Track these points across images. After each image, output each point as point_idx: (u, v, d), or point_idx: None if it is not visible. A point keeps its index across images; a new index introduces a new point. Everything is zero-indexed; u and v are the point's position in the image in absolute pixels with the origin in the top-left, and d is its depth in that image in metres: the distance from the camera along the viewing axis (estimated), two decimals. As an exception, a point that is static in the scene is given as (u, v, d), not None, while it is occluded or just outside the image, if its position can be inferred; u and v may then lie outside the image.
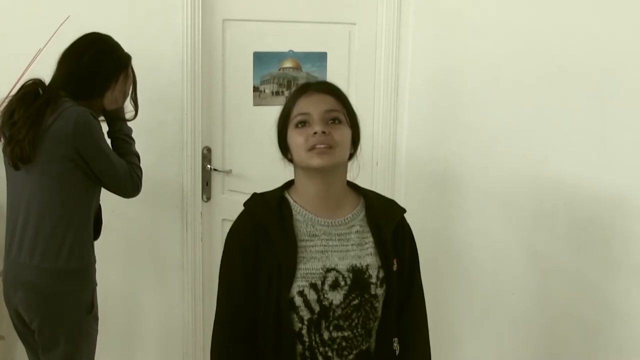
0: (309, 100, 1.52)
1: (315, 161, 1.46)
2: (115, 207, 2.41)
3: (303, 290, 1.46)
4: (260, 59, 2.81)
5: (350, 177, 1.61)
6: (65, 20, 2.31)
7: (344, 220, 1.55)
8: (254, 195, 1.58)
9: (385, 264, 1.53)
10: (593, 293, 2.13)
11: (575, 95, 2.14)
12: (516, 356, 2.44)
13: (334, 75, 2.85)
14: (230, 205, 2.88)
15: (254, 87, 2.82)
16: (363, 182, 1.68)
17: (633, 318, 2.00)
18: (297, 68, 2.86)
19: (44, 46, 2.26)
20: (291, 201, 1.55)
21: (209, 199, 2.85)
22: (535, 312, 2.34)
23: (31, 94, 2.00)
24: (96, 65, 2.07)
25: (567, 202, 2.20)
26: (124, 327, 2.81)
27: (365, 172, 2.95)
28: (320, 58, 2.88)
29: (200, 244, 2.81)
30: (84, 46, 2.08)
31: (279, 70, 2.85)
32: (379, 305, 1.53)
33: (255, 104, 2.84)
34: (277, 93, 2.86)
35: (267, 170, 2.94)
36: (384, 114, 2.91)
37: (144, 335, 2.85)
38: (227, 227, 3.16)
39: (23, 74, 2.30)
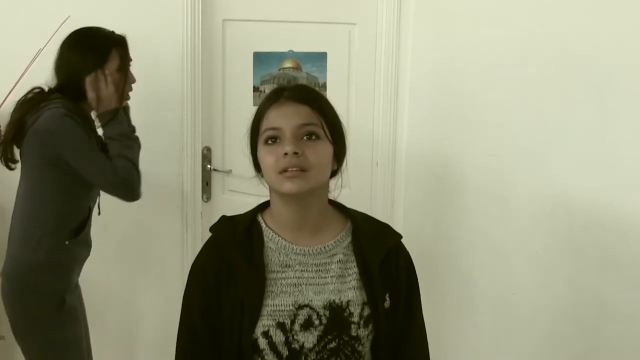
0: (280, 111, 1.29)
1: (287, 186, 1.25)
2: (115, 207, 2.41)
3: (268, 331, 1.26)
4: (260, 59, 2.81)
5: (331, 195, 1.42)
6: (65, 20, 2.30)
7: (324, 247, 1.33)
8: (222, 219, 1.39)
9: (372, 300, 1.31)
10: (593, 293, 2.13)
11: (575, 94, 2.14)
12: (516, 356, 2.44)
13: (334, 75, 2.85)
14: (230, 206, 2.87)
15: (254, 87, 2.82)
16: (362, 183, 1.64)
17: (633, 318, 2.00)
18: (297, 68, 2.86)
19: (44, 46, 2.26)
20: (263, 226, 1.34)
21: (209, 199, 2.84)
22: (535, 312, 2.34)
23: (31, 100, 2.05)
24: (76, 66, 2.06)
25: (567, 201, 2.20)
26: (124, 327, 2.81)
27: (365, 172, 2.97)
28: (320, 58, 2.88)
29: (200, 244, 2.80)
30: (66, 48, 2.08)
31: (279, 70, 2.84)
32: (363, 349, 1.31)
33: (255, 104, 2.81)
34: (277, 93, 2.86)
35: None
36: (384, 114, 2.91)
37: (143, 336, 2.85)
38: (227, 227, 3.12)
39: (23, 74, 2.30)
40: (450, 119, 2.69)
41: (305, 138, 1.27)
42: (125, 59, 2.10)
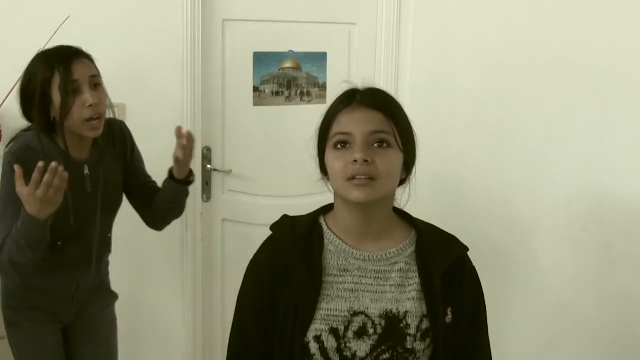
0: (352, 117, 1.26)
1: (354, 195, 1.21)
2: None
3: (320, 336, 1.23)
4: (260, 59, 2.81)
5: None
6: (65, 20, 2.30)
7: (386, 255, 1.29)
8: (283, 218, 1.37)
9: (431, 313, 1.26)
10: (594, 292, 2.13)
11: (575, 94, 2.14)
12: (517, 356, 2.44)
13: (334, 75, 2.85)
14: (230, 206, 2.88)
15: (254, 87, 2.82)
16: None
17: (633, 318, 2.00)
18: (297, 68, 2.86)
19: (44, 46, 2.26)
20: (325, 228, 1.32)
21: (209, 199, 2.84)
22: (535, 312, 2.34)
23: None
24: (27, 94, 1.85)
25: (567, 201, 2.20)
26: (124, 327, 2.79)
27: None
28: (320, 58, 2.88)
29: (200, 244, 2.81)
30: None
31: (279, 70, 2.84)
32: None
33: (255, 104, 2.84)
34: (277, 93, 2.86)
35: (268, 170, 2.96)
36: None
37: (143, 335, 2.85)
38: (228, 227, 3.16)
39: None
40: (450, 119, 2.69)
41: (376, 145, 1.24)
42: (66, 77, 1.76)
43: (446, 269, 1.29)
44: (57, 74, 1.74)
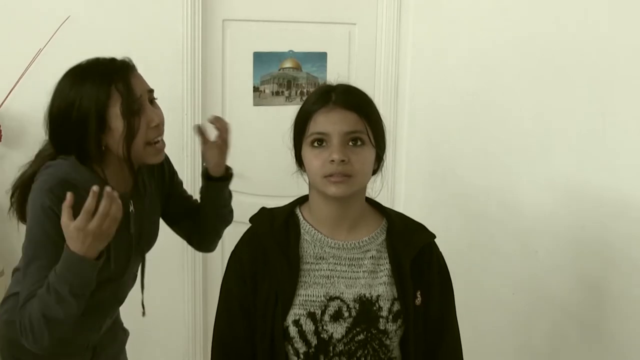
0: (328, 118, 1.31)
1: (331, 190, 1.29)
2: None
3: (299, 320, 1.31)
4: (260, 59, 2.81)
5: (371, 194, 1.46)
6: (65, 20, 2.31)
7: (359, 243, 1.37)
8: (261, 210, 1.44)
9: (402, 296, 1.35)
10: (593, 293, 2.13)
11: (575, 95, 2.14)
12: (517, 356, 2.44)
13: (334, 75, 2.85)
14: (230, 205, 2.88)
15: (254, 87, 2.82)
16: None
17: (633, 318, 2.00)
18: (297, 68, 2.86)
19: (44, 46, 2.26)
20: (301, 219, 1.40)
21: (209, 199, 2.85)
22: (535, 312, 2.34)
23: (40, 154, 1.56)
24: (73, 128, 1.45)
25: (567, 201, 2.20)
26: (125, 326, 2.81)
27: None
28: (320, 58, 2.88)
29: (200, 244, 2.81)
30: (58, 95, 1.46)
31: (279, 70, 2.85)
32: (391, 343, 1.35)
33: (255, 104, 2.84)
34: (277, 93, 2.86)
35: (267, 170, 2.96)
36: (384, 115, 2.91)
37: (143, 335, 2.85)
38: (227, 227, 3.13)
39: (23, 74, 2.30)
40: (450, 119, 2.69)
41: (350, 144, 1.31)
42: (128, 96, 1.44)
43: (415, 255, 1.37)
44: (116, 93, 1.42)
